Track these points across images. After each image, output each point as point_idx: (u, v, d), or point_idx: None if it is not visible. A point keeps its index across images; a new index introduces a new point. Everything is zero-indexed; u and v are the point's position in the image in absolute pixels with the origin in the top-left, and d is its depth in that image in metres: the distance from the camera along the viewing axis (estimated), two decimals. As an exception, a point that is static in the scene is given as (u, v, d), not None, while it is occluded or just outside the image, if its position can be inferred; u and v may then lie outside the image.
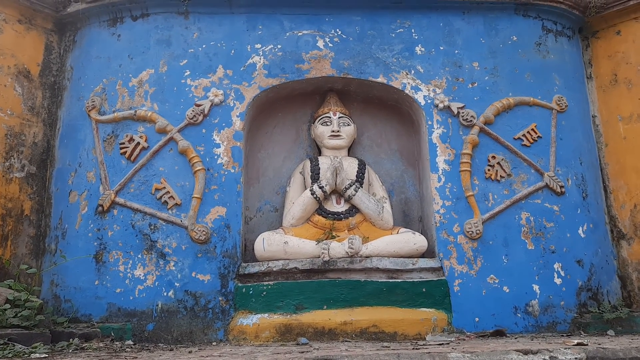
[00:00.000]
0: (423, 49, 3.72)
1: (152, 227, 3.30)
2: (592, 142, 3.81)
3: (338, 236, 3.42)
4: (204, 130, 3.48)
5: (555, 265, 3.36)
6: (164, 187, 3.36)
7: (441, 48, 3.72)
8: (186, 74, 3.57)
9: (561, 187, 3.49)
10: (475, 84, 3.65)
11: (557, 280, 3.34)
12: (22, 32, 3.58)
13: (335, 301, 3.15)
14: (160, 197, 3.34)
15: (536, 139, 3.57)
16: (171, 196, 3.34)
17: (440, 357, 1.95)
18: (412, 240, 3.37)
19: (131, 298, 3.19)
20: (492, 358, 1.97)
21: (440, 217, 3.41)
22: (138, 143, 3.43)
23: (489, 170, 3.50)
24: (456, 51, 3.72)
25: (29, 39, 3.61)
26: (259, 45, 3.66)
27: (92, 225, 3.34)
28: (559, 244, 3.41)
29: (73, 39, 3.79)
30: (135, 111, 3.48)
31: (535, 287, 3.30)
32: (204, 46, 3.63)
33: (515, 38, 3.76)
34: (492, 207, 3.43)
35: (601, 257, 3.51)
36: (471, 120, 3.55)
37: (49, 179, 3.58)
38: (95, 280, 3.24)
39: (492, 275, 3.30)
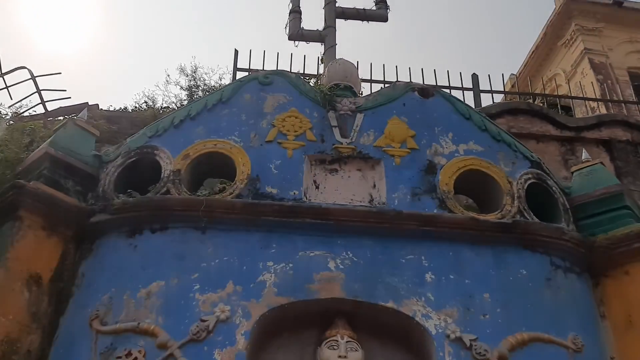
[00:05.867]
0: (433, 277, 3.74)
1: None
2: (615, 387, 3.59)
3: None
4: (205, 348, 3.34)
5: None
6: (155, 411, 3.11)
7: (451, 277, 3.74)
8: (195, 287, 3.56)
9: None
10: (487, 317, 3.58)
11: None
12: (42, 239, 3.67)
13: None
14: (149, 422, 3.07)
15: (556, 381, 3.38)
16: (160, 422, 3.07)
17: None
18: None
19: None
20: None
21: None
22: (136, 358, 3.27)
23: (506, 413, 3.24)
24: (467, 281, 3.73)
25: (47, 245, 3.69)
26: (271, 263, 3.71)
27: None
28: None
29: (90, 247, 3.87)
30: (139, 324, 3.39)
31: None
32: (216, 261, 3.68)
33: (525, 272, 3.79)
34: None
35: None
36: (484, 355, 3.40)
37: (33, 392, 3.35)
38: None
39: None
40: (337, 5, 7.09)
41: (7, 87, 7.06)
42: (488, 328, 3.53)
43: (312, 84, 5.01)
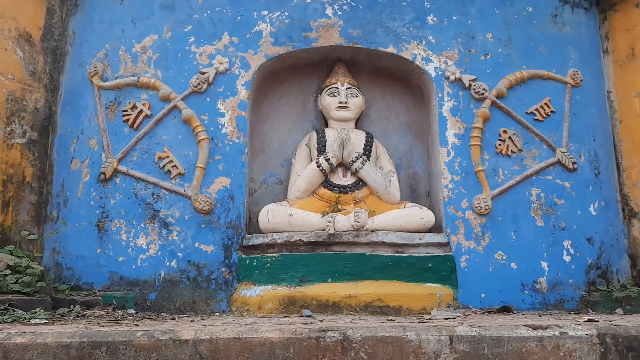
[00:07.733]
0: (435, 19, 3.60)
1: (155, 197, 3.25)
2: (607, 118, 3.70)
3: (344, 209, 3.36)
4: (208, 99, 3.40)
5: (565, 243, 3.30)
6: (167, 156, 3.30)
7: (454, 18, 3.60)
8: (190, 40, 3.47)
9: (573, 163, 3.40)
10: (488, 56, 3.54)
11: (566, 258, 3.28)
12: (22, -5, 3.49)
13: (339, 274, 3.10)
14: (164, 166, 3.28)
15: (549, 113, 3.48)
16: (174, 165, 3.28)
17: (447, 331, 1.90)
18: (419, 214, 3.30)
19: (133, 267, 3.15)
20: (500, 332, 1.92)
21: (448, 192, 3.33)
22: (141, 111, 3.35)
23: (499, 145, 3.41)
24: (469, 22, 3.60)
25: (29, 1, 3.51)
26: (265, 12, 3.55)
27: (94, 194, 3.29)
28: (569, 221, 3.33)
29: (75, 3, 3.69)
30: (139, 78, 3.40)
31: (544, 264, 3.24)
32: (209, 12, 3.53)
33: (530, 9, 3.63)
34: (502, 183, 3.35)
35: (612, 235, 3.44)
36: (483, 94, 3.45)
37: (50, 145, 3.52)
38: (97, 248, 3.19)
39: (500, 252, 3.24)
40: None
41: None
42: (488, 68, 3.52)
43: None
